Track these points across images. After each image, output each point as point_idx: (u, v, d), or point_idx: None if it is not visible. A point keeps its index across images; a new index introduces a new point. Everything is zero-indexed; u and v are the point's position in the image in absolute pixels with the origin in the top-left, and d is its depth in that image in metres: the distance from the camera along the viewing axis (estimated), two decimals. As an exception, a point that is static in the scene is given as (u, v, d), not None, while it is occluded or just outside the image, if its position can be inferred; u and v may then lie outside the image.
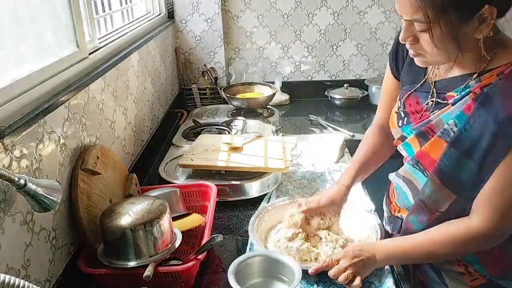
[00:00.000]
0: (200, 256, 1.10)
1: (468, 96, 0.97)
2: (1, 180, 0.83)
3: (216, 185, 1.41)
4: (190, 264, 1.08)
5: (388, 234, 1.24)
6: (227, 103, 2.34)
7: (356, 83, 2.51)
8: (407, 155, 1.13)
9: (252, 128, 1.97)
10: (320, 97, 2.54)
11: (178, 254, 1.18)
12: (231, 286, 1.00)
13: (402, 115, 1.14)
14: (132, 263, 1.04)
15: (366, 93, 2.44)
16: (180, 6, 2.43)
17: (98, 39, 1.52)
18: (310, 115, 2.32)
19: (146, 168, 1.76)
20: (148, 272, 1.02)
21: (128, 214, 1.05)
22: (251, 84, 2.44)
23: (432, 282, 1.15)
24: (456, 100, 0.99)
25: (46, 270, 1.02)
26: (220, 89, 2.42)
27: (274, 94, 2.31)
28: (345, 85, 2.47)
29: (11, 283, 0.65)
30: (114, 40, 1.61)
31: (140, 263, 1.04)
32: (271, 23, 2.52)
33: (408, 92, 1.13)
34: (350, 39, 2.55)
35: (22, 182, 0.83)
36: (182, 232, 1.17)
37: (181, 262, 1.12)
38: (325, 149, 1.85)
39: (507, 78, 0.93)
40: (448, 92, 1.03)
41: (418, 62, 1.03)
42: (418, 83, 1.12)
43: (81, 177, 1.14)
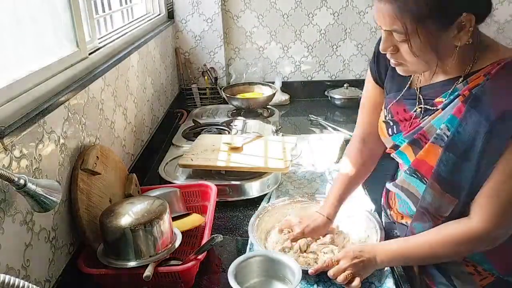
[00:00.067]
0: (200, 256, 1.10)
1: (458, 99, 0.97)
2: (1, 180, 0.83)
3: (216, 185, 1.41)
4: (190, 264, 1.08)
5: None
6: (227, 103, 2.34)
7: (356, 83, 2.51)
8: (403, 163, 1.13)
9: (252, 128, 1.97)
10: (320, 97, 2.54)
11: (178, 254, 1.18)
12: (231, 286, 1.00)
13: (391, 124, 1.14)
14: (132, 263, 1.04)
15: (366, 93, 2.44)
16: (180, 6, 2.43)
17: (98, 39, 1.52)
18: (310, 115, 2.31)
19: (146, 168, 1.76)
20: (148, 272, 1.02)
21: (128, 214, 1.05)
22: (251, 84, 2.44)
23: (440, 285, 1.13)
24: (446, 105, 0.99)
25: (46, 270, 1.02)
26: (220, 89, 2.42)
27: (274, 94, 2.31)
28: (345, 85, 2.47)
29: (11, 283, 0.65)
30: (114, 40, 1.61)
31: (140, 263, 1.04)
32: (271, 23, 2.52)
33: (394, 100, 1.13)
34: (350, 39, 2.55)
35: (22, 182, 0.83)
36: (182, 232, 1.17)
37: (181, 262, 1.12)
38: (325, 149, 1.85)
39: (494, 77, 0.93)
40: (436, 98, 1.03)
41: (399, 71, 1.03)
42: (403, 91, 1.11)
43: (81, 177, 1.14)
